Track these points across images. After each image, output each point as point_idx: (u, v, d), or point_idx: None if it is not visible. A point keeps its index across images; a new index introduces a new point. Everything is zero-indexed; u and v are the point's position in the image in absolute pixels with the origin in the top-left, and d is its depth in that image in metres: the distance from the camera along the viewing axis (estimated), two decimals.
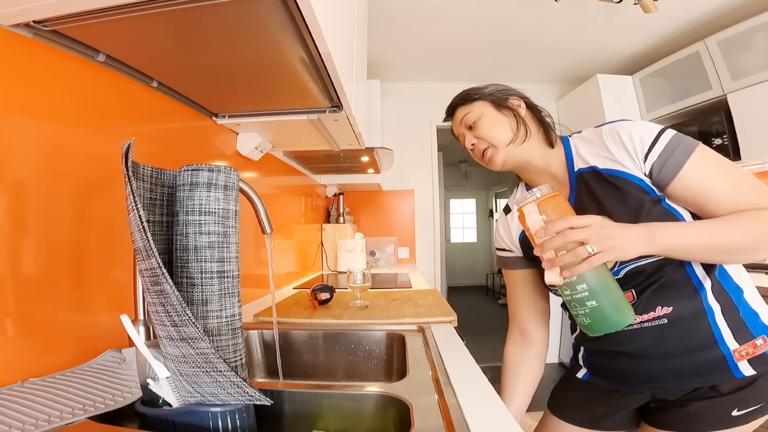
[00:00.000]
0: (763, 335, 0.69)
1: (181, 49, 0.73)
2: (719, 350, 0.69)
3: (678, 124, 2.38)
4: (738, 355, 0.68)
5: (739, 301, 0.70)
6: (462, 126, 0.84)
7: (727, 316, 0.69)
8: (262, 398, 0.51)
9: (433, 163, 3.10)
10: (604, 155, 0.72)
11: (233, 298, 0.57)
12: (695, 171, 0.65)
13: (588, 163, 0.74)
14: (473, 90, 0.85)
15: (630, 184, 0.69)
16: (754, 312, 0.70)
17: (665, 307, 0.70)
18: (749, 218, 0.62)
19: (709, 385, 0.70)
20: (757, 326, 0.70)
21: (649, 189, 0.69)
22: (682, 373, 0.71)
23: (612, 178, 0.71)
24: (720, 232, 0.62)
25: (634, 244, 0.59)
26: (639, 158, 0.68)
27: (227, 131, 1.25)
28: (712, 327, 0.69)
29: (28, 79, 0.60)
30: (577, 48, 2.57)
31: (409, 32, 2.32)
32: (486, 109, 0.82)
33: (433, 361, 0.76)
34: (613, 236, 0.59)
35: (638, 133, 0.68)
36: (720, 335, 0.69)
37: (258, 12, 0.60)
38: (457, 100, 0.86)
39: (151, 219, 0.58)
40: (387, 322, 1.04)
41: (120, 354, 0.66)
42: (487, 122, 0.80)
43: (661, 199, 0.69)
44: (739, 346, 0.68)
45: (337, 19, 0.81)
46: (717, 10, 2.10)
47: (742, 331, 0.69)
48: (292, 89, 0.96)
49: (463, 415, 0.53)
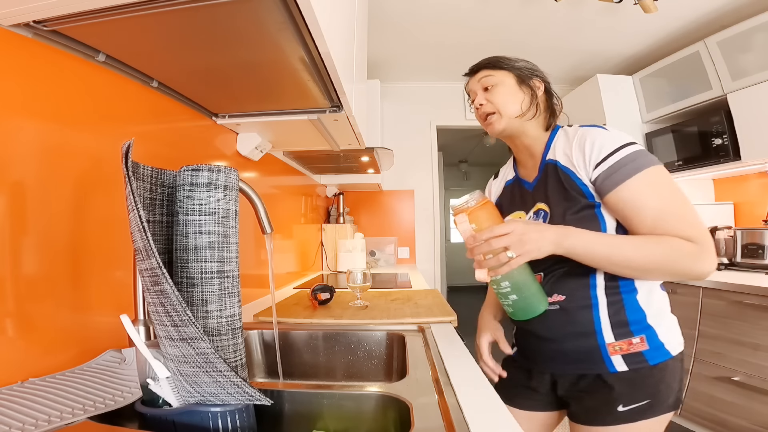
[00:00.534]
0: (642, 335, 0.75)
1: (181, 49, 0.73)
2: (596, 340, 0.76)
3: (678, 124, 2.38)
4: (612, 349, 0.75)
5: (629, 301, 0.76)
6: (478, 84, 0.88)
7: (611, 311, 0.76)
8: (262, 398, 0.51)
9: (433, 163, 3.10)
10: (567, 153, 0.79)
11: (233, 298, 0.57)
12: (631, 190, 0.70)
13: (555, 156, 0.82)
14: (503, 58, 0.88)
15: (574, 185, 0.77)
16: (642, 313, 0.76)
17: (560, 295, 0.79)
18: (655, 243, 0.69)
19: (594, 374, 0.77)
20: (640, 326, 0.75)
21: (589, 194, 0.75)
22: (568, 357, 0.80)
23: (563, 176, 0.79)
24: (622, 250, 0.69)
25: (547, 246, 0.69)
26: (590, 165, 0.74)
27: (227, 131, 1.25)
28: (594, 318, 0.76)
29: (28, 79, 0.60)
30: (577, 48, 2.57)
31: (409, 32, 2.32)
32: (507, 80, 0.86)
33: (433, 361, 0.76)
34: (530, 241, 0.69)
35: (601, 142, 0.74)
36: (600, 327, 0.76)
37: (258, 12, 0.60)
38: (485, 62, 0.89)
39: (151, 219, 0.58)
40: (387, 322, 1.04)
41: (120, 354, 0.66)
42: (503, 91, 0.85)
43: (597, 205, 0.75)
44: (614, 341, 0.75)
45: (337, 19, 0.81)
46: (717, 10, 2.10)
47: (622, 327, 0.75)
48: (292, 89, 0.96)
49: (463, 415, 0.53)
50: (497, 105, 0.84)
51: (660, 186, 0.71)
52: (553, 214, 0.79)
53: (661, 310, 0.78)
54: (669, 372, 0.75)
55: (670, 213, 0.69)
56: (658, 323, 0.76)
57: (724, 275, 2.00)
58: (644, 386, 0.74)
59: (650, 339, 0.75)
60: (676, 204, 0.70)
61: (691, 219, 0.69)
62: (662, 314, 0.78)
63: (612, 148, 0.73)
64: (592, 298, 0.77)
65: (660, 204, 0.70)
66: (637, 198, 0.70)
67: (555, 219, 0.79)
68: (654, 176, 0.71)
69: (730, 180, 2.51)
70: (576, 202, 0.76)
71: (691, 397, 1.95)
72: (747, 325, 1.71)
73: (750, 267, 2.07)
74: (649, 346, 0.74)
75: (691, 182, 2.61)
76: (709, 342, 1.88)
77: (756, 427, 1.63)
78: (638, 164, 0.71)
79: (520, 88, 0.85)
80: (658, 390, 0.73)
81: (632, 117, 2.64)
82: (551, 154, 0.83)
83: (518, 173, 0.94)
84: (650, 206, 0.70)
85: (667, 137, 2.45)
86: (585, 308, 0.77)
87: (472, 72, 0.91)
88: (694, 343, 1.95)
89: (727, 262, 2.20)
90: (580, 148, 0.76)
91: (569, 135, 0.81)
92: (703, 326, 1.92)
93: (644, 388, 0.74)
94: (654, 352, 0.74)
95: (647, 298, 0.77)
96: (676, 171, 2.43)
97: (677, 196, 0.71)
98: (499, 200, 0.98)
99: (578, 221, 0.75)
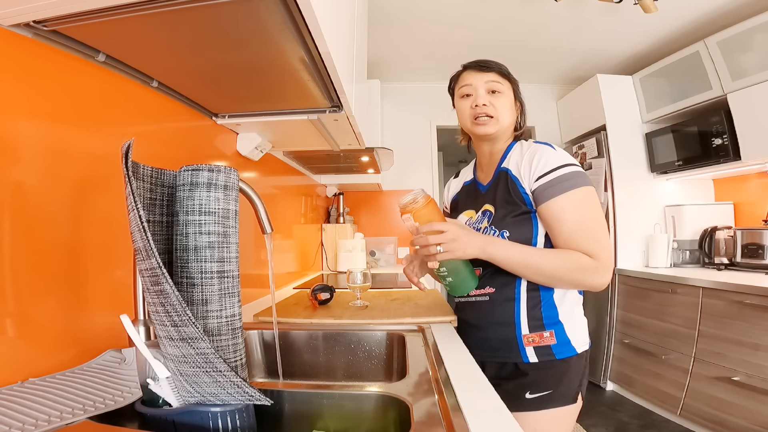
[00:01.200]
0: (552, 330, 0.85)
1: (181, 49, 0.73)
2: (514, 331, 0.87)
3: (678, 124, 2.38)
4: (526, 340, 0.86)
5: (545, 297, 0.87)
6: (484, 84, 0.92)
7: (529, 306, 0.87)
8: (262, 398, 0.51)
9: (433, 163, 3.10)
10: (518, 164, 0.89)
11: (233, 298, 0.57)
12: (558, 206, 0.81)
13: (509, 165, 0.92)
14: (509, 71, 0.95)
15: (518, 193, 0.87)
16: (555, 309, 0.86)
17: (490, 288, 0.91)
18: (559, 256, 0.81)
19: (512, 363, 0.87)
20: (552, 321, 0.86)
21: (529, 202, 0.86)
22: (491, 344, 0.90)
23: (511, 183, 0.89)
24: (531, 259, 0.81)
25: (472, 250, 0.81)
26: (533, 178, 0.85)
27: (227, 131, 1.25)
28: (515, 311, 0.87)
29: (28, 79, 0.60)
30: (577, 48, 2.57)
31: (410, 32, 2.32)
32: (509, 93, 0.94)
33: (433, 361, 0.76)
34: (459, 243, 0.80)
35: (545, 160, 0.84)
36: (519, 319, 0.87)
37: (258, 12, 0.60)
38: (496, 66, 0.94)
39: (151, 219, 0.58)
40: (387, 322, 1.04)
41: (120, 354, 0.66)
42: (506, 102, 0.93)
43: (533, 212, 0.86)
44: (529, 332, 0.86)
45: (337, 19, 0.81)
46: (717, 10, 2.10)
47: (536, 321, 0.86)
48: (292, 89, 0.96)
49: (463, 415, 0.53)
50: (500, 113, 0.91)
51: (582, 206, 0.81)
52: (496, 214, 0.90)
53: (572, 309, 0.88)
54: (572, 367, 0.85)
55: (583, 230, 0.80)
56: (568, 321, 0.86)
57: (724, 275, 2.00)
58: (549, 377, 0.84)
59: (558, 334, 0.85)
60: (590, 223, 0.81)
61: (599, 238, 0.81)
62: (573, 313, 0.88)
63: (553, 165, 0.83)
64: (516, 293, 0.87)
65: (577, 221, 0.81)
66: (560, 215, 0.81)
67: (497, 218, 0.89)
68: (580, 197, 0.81)
69: (730, 180, 2.51)
70: (517, 207, 0.87)
71: (691, 397, 1.95)
72: (747, 325, 1.71)
73: (750, 267, 2.07)
74: (557, 340, 0.85)
75: (691, 182, 2.61)
76: (709, 342, 1.88)
77: (756, 427, 1.63)
78: (570, 184, 0.81)
79: (515, 103, 0.95)
80: (560, 382, 0.84)
81: (632, 117, 2.64)
82: (506, 162, 0.93)
83: (476, 176, 1.04)
84: (568, 221, 0.81)
85: (667, 137, 2.45)
86: (509, 301, 0.88)
87: (481, 68, 0.93)
88: (694, 343, 1.95)
89: (727, 262, 2.20)
90: (528, 161, 0.86)
91: (523, 148, 0.91)
92: (703, 326, 1.92)
93: (548, 379, 0.84)
94: (561, 347, 0.85)
95: (561, 297, 0.87)
96: (676, 171, 2.43)
97: (594, 216, 0.82)
98: (456, 197, 1.09)
99: (516, 223, 0.86)
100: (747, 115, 1.98)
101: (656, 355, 2.17)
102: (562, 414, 0.84)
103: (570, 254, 0.80)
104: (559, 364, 0.84)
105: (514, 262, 0.82)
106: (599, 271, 0.79)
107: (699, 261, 2.40)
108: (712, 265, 2.26)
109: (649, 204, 2.58)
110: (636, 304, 2.37)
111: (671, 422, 2.08)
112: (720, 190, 2.60)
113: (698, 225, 2.37)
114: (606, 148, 2.58)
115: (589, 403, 2.39)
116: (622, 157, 2.57)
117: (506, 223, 0.87)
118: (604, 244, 0.81)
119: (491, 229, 0.89)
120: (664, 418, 2.13)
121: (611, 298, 2.52)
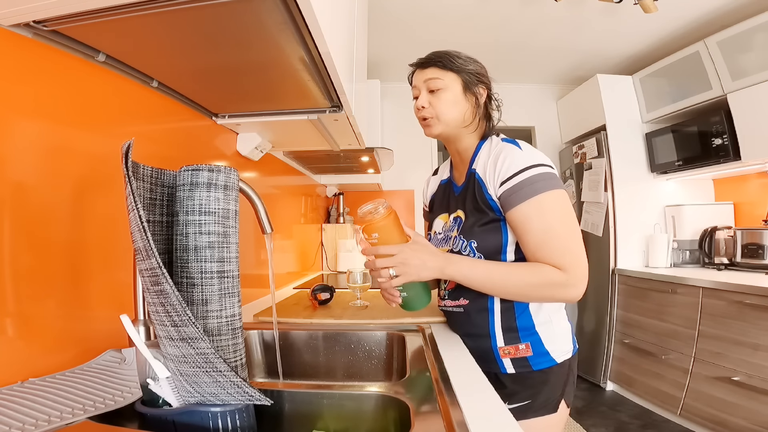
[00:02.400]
0: (528, 342, 0.81)
1: (181, 49, 0.73)
2: (489, 343, 0.83)
3: (678, 124, 2.38)
4: (502, 352, 0.82)
5: (520, 308, 0.82)
6: (424, 84, 0.86)
7: (504, 318, 0.82)
8: (262, 398, 0.51)
9: (433, 163, 3.10)
10: (485, 165, 0.82)
11: (233, 298, 0.57)
12: (524, 213, 0.75)
13: (477, 167, 0.85)
14: (455, 58, 0.85)
15: (484, 198, 0.82)
16: (531, 321, 0.82)
17: (464, 299, 0.87)
18: (527, 273, 0.75)
19: (492, 372, 0.83)
20: (527, 333, 0.81)
21: (496, 208, 0.80)
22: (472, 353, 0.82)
23: (477, 187, 0.83)
24: (495, 278, 0.76)
25: (427, 273, 0.76)
26: (497, 182, 0.78)
27: (227, 131, 1.25)
28: (490, 322, 0.83)
29: (28, 79, 0.60)
30: (577, 48, 2.57)
31: (410, 32, 2.32)
32: (453, 85, 0.84)
33: (433, 361, 0.76)
34: (410, 266, 0.75)
35: (509, 161, 0.77)
36: (494, 331, 0.83)
37: (258, 12, 0.60)
38: (436, 59, 0.85)
39: (151, 219, 0.58)
40: (387, 322, 1.04)
41: (120, 354, 0.66)
42: (448, 99, 0.84)
43: (502, 219, 0.80)
44: (504, 345, 0.82)
45: (337, 19, 0.81)
46: (717, 10, 2.10)
47: (511, 333, 0.82)
48: (292, 89, 0.96)
49: (463, 416, 0.53)
50: (439, 112, 0.84)
51: (548, 213, 0.74)
52: (465, 222, 0.85)
53: (550, 318, 0.83)
54: (552, 378, 0.81)
55: (551, 239, 0.74)
56: (545, 331, 0.82)
57: (724, 275, 2.00)
58: (526, 388, 0.81)
59: (535, 346, 0.81)
60: (558, 231, 0.74)
61: (570, 247, 0.74)
62: (552, 322, 0.83)
63: (517, 168, 0.76)
64: (489, 305, 0.83)
65: (543, 229, 0.74)
66: (526, 221, 0.75)
67: (466, 227, 0.85)
68: (547, 202, 0.74)
69: (730, 180, 2.51)
70: (484, 215, 0.82)
71: (691, 397, 1.95)
72: (747, 325, 1.71)
73: (750, 267, 2.07)
74: (533, 352, 0.81)
75: (691, 182, 2.61)
76: (709, 342, 1.88)
77: (756, 427, 1.63)
78: (535, 188, 0.74)
79: (464, 96, 0.85)
80: (538, 392, 0.81)
81: (632, 117, 2.64)
82: (476, 163, 0.86)
83: (452, 175, 0.98)
84: (534, 230, 0.75)
85: (667, 137, 2.45)
86: (482, 312, 0.84)
87: (421, 65, 0.87)
88: (694, 343, 1.95)
89: (727, 262, 2.20)
90: (493, 164, 0.80)
91: (491, 148, 0.84)
92: (703, 326, 1.92)
93: (526, 389, 0.81)
94: (538, 358, 0.81)
95: (538, 307, 0.82)
96: (676, 171, 2.43)
97: (563, 224, 0.75)
98: (433, 197, 1.04)
99: (485, 232, 0.81)
100: (747, 115, 1.98)
101: (656, 355, 2.17)
102: (543, 424, 0.81)
103: (536, 269, 0.75)
104: (537, 375, 0.81)
105: (477, 282, 0.77)
106: (569, 285, 0.73)
107: (699, 261, 2.40)
108: (712, 265, 2.26)
109: (649, 204, 2.58)
110: (636, 304, 2.37)
111: (671, 422, 2.08)
112: (720, 190, 2.60)
113: (698, 225, 2.37)
114: (606, 148, 2.58)
115: (589, 403, 2.39)
116: (622, 157, 2.57)
117: (474, 232, 0.82)
118: (575, 254, 0.74)
119: (459, 239, 0.85)
120: (664, 418, 2.13)
121: (611, 298, 2.53)
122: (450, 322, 0.97)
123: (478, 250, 0.82)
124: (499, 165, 0.78)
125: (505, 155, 0.78)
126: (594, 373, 2.63)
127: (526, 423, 0.81)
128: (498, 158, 0.79)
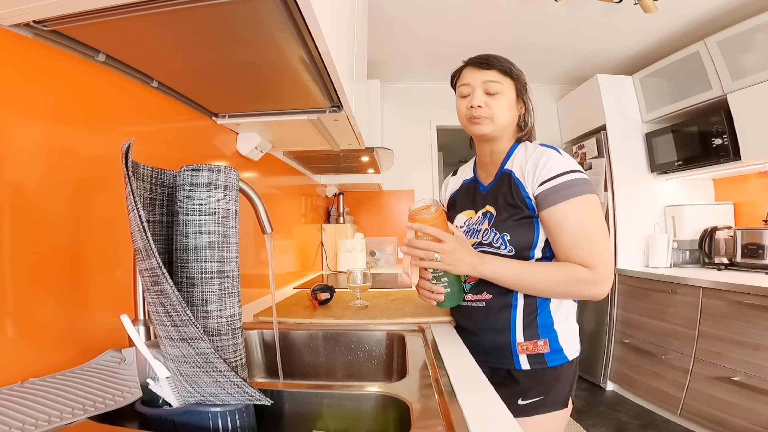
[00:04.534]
0: (546, 339, 0.85)
1: (181, 49, 0.73)
2: (509, 338, 0.86)
3: (678, 124, 2.38)
4: (520, 348, 0.85)
5: (542, 306, 0.86)
6: (481, 84, 0.89)
7: (525, 314, 0.86)
8: (262, 398, 0.51)
9: (433, 163, 3.10)
10: (522, 167, 0.87)
11: (233, 298, 0.57)
12: (559, 213, 0.80)
13: (512, 167, 0.90)
14: (513, 66, 0.91)
15: (520, 196, 0.86)
16: (551, 318, 0.86)
17: (487, 294, 0.89)
18: (556, 271, 0.81)
19: (505, 369, 0.87)
20: (546, 330, 0.85)
21: (531, 206, 0.85)
22: (483, 350, 0.88)
23: (514, 186, 0.88)
24: (525, 277, 0.81)
25: (464, 267, 0.81)
26: (537, 182, 0.83)
27: (227, 131, 1.25)
28: (512, 318, 0.86)
29: (28, 79, 0.60)
30: (577, 48, 2.57)
31: (409, 32, 2.32)
32: (510, 92, 0.90)
33: (433, 361, 0.76)
34: (453, 257, 0.80)
35: (549, 165, 0.83)
36: (514, 326, 0.86)
37: (258, 12, 0.60)
38: (499, 64, 0.89)
39: (151, 219, 0.58)
40: (387, 322, 1.04)
41: (120, 354, 0.66)
42: (505, 102, 0.89)
43: (535, 216, 0.85)
44: (524, 341, 0.85)
45: (337, 19, 0.81)
46: (717, 10, 2.10)
47: (531, 329, 0.85)
48: (292, 89, 0.96)
49: (463, 415, 0.53)
50: (494, 113, 0.88)
51: (584, 215, 0.80)
52: (498, 217, 0.89)
53: (567, 317, 0.87)
54: (563, 375, 0.85)
55: (584, 239, 0.80)
56: (562, 329, 0.86)
57: (724, 275, 2.00)
58: (540, 384, 0.84)
59: (552, 342, 0.85)
60: (591, 232, 0.80)
61: (600, 247, 0.80)
62: (567, 322, 0.87)
63: (558, 171, 0.81)
64: (513, 300, 0.86)
65: (578, 230, 0.80)
66: (561, 223, 0.81)
67: (498, 221, 0.88)
68: (583, 205, 0.80)
69: (730, 180, 2.51)
70: (520, 211, 0.86)
71: (691, 397, 1.95)
72: (747, 325, 1.71)
73: (750, 267, 2.07)
74: (550, 349, 0.84)
75: (691, 182, 2.61)
76: (709, 342, 1.88)
77: (756, 427, 1.63)
78: (572, 191, 0.80)
79: (516, 103, 0.91)
80: (551, 389, 0.84)
81: (632, 117, 2.64)
82: (509, 164, 0.91)
83: (477, 175, 1.02)
84: (570, 229, 0.80)
85: (667, 137, 2.45)
86: (505, 308, 0.87)
87: (480, 65, 0.90)
88: (694, 343, 1.95)
89: (727, 262, 2.20)
90: (533, 165, 0.85)
91: (528, 151, 0.89)
92: (703, 326, 1.92)
93: (540, 385, 0.84)
94: (553, 355, 0.84)
95: (557, 305, 0.87)
96: (676, 171, 2.43)
97: (595, 225, 0.81)
98: (455, 195, 1.07)
99: (517, 227, 0.85)
100: (747, 115, 1.98)
101: (656, 355, 2.17)
102: (553, 418, 0.85)
103: (565, 267, 0.80)
104: (551, 371, 0.84)
105: (507, 279, 0.82)
106: (596, 282, 0.79)
107: (699, 261, 2.40)
108: (712, 265, 2.26)
109: (649, 204, 2.58)
110: (636, 304, 2.37)
111: (671, 422, 2.08)
112: (720, 190, 2.60)
113: (698, 225, 2.37)
114: (606, 148, 2.58)
115: (589, 403, 2.39)
116: (622, 157, 2.57)
117: (507, 226, 0.86)
118: (604, 253, 0.80)
119: (491, 231, 0.88)
120: (664, 418, 2.13)
121: (611, 298, 2.52)
122: (463, 317, 0.96)
123: (510, 243, 0.85)
124: (540, 166, 0.83)
125: (547, 158, 0.83)
126: (594, 373, 2.63)
127: (539, 418, 0.84)
128: (539, 160, 0.84)
